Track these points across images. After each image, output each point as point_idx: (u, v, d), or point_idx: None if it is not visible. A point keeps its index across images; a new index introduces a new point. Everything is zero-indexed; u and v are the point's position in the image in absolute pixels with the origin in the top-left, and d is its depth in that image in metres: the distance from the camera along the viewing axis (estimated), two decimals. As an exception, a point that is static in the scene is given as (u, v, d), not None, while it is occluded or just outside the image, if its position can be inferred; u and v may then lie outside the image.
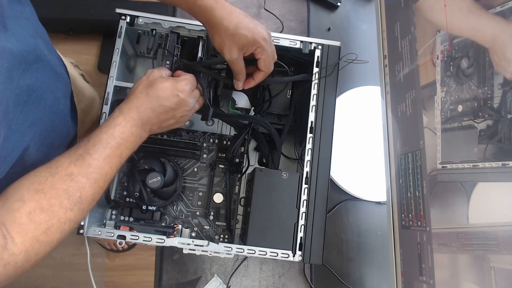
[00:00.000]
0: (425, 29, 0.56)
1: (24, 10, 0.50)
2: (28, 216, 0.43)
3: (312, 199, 0.62)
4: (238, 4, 0.89)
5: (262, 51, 0.59)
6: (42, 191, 0.45)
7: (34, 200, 0.44)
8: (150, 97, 0.56)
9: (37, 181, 0.45)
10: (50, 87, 0.54)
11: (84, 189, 0.48)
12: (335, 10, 0.90)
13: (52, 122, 0.56)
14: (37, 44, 0.51)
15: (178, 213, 0.72)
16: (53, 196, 0.45)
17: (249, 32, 0.57)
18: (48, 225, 0.44)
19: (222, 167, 0.74)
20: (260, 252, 0.59)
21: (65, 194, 0.46)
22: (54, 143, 0.59)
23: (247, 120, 0.70)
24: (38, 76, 0.50)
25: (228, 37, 0.56)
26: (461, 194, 0.46)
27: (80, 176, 0.47)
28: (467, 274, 0.44)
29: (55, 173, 0.47)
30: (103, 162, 0.50)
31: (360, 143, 0.82)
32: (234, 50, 0.58)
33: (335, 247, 0.79)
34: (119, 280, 1.36)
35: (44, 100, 0.53)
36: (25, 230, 0.42)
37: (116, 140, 0.52)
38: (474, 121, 0.45)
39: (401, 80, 0.62)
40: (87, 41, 1.41)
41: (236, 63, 0.59)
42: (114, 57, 0.65)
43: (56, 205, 0.45)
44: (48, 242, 0.44)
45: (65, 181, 0.46)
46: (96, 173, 0.49)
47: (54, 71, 0.55)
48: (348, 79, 0.85)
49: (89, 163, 0.49)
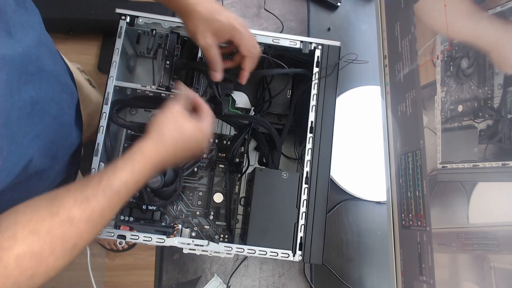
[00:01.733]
0: (425, 29, 0.56)
1: (31, 19, 0.48)
2: (15, 260, 0.40)
3: (312, 199, 0.62)
4: (238, 4, 0.89)
5: (240, 35, 0.58)
6: (37, 233, 0.41)
7: (26, 243, 0.40)
8: (178, 145, 0.53)
9: (35, 219, 0.42)
10: (54, 98, 0.52)
11: (80, 237, 0.44)
12: (335, 10, 0.90)
13: (56, 133, 0.54)
14: (41, 55, 0.49)
15: (178, 213, 0.72)
16: (47, 242, 0.42)
17: (224, 18, 0.56)
18: (33, 272, 0.41)
19: (222, 167, 0.74)
20: (260, 252, 0.59)
21: (60, 241, 0.43)
22: (58, 154, 0.58)
23: (247, 120, 0.70)
24: (42, 88, 0.49)
25: (201, 22, 0.56)
26: (461, 194, 0.46)
27: (81, 222, 0.44)
28: (467, 274, 0.44)
29: (55, 214, 0.43)
30: (109, 209, 0.47)
31: (360, 143, 0.82)
32: (208, 35, 0.56)
33: (335, 247, 0.79)
34: (119, 280, 1.36)
35: (48, 112, 0.51)
36: (8, 274, 0.39)
37: (127, 188, 0.48)
38: (474, 121, 0.45)
39: (401, 80, 0.62)
40: (87, 41, 1.41)
41: (210, 50, 0.58)
42: (114, 57, 0.65)
43: (47, 252, 0.42)
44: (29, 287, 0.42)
45: (63, 226, 0.43)
46: (97, 219, 0.46)
47: (59, 82, 0.54)
48: (348, 79, 0.85)
49: (93, 209, 0.45)
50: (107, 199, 0.46)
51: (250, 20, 0.88)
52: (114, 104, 0.66)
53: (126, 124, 0.69)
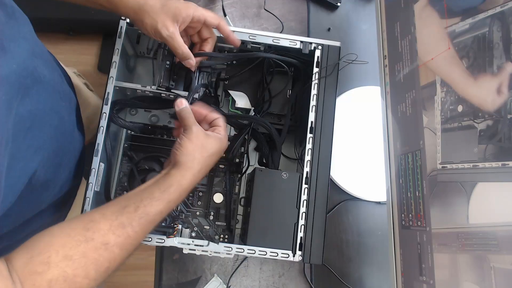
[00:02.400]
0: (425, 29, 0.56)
1: (22, 30, 0.46)
2: (48, 284, 0.40)
3: (312, 199, 0.62)
4: (238, 4, 0.89)
5: (200, 13, 0.58)
6: (71, 258, 0.42)
7: (60, 268, 0.41)
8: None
9: (69, 244, 0.42)
10: (54, 108, 0.52)
11: (114, 260, 0.45)
12: (335, 10, 0.90)
13: (59, 142, 0.54)
14: (36, 66, 0.48)
15: (178, 213, 0.72)
16: (81, 266, 0.42)
17: (177, 2, 0.56)
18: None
19: (222, 167, 0.74)
20: (260, 252, 0.59)
21: (94, 265, 0.43)
22: (62, 162, 0.57)
23: (247, 120, 0.70)
24: (40, 99, 0.48)
25: (158, 13, 0.55)
26: (461, 194, 0.46)
27: (115, 247, 0.45)
28: (467, 274, 0.44)
29: (90, 240, 0.44)
30: (142, 235, 0.48)
31: (360, 143, 0.82)
32: (169, 23, 0.56)
33: (335, 247, 0.79)
34: (119, 280, 1.36)
35: (49, 123, 0.51)
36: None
37: (161, 216, 0.50)
38: (474, 121, 0.45)
39: (401, 80, 0.62)
40: (87, 41, 1.41)
41: (175, 38, 0.57)
42: (114, 57, 0.65)
43: (81, 276, 0.42)
44: None
45: (98, 250, 0.44)
46: (131, 244, 0.47)
47: (57, 91, 0.54)
48: (348, 79, 0.85)
49: (129, 235, 0.46)
50: (142, 226, 0.48)
51: (250, 20, 0.88)
52: (114, 104, 0.66)
53: (126, 124, 0.69)
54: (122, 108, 0.73)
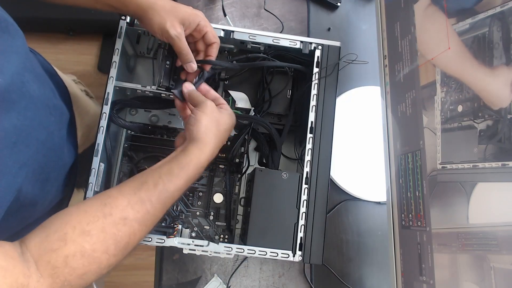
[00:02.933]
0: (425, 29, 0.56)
1: (15, 44, 0.46)
2: (64, 260, 0.39)
3: (312, 199, 0.62)
4: (238, 4, 0.89)
5: (205, 23, 0.59)
6: (89, 233, 0.41)
7: (77, 243, 0.40)
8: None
9: (86, 220, 0.42)
10: (42, 123, 0.51)
11: (134, 235, 0.45)
12: (335, 10, 0.90)
13: (46, 157, 0.53)
14: (26, 81, 0.47)
15: (178, 213, 0.72)
16: (100, 240, 0.41)
17: (186, 8, 0.58)
18: (85, 270, 0.41)
19: (222, 167, 0.74)
20: (260, 252, 0.59)
21: (113, 240, 0.42)
22: (50, 177, 0.57)
23: (247, 120, 0.69)
24: (27, 114, 0.47)
25: (167, 13, 0.56)
26: (461, 194, 0.46)
27: (134, 221, 0.44)
28: (467, 274, 0.44)
29: (109, 215, 0.43)
30: (161, 211, 0.48)
31: (360, 143, 0.82)
32: (176, 24, 0.57)
33: (335, 247, 0.79)
34: (119, 280, 1.36)
35: (36, 138, 0.49)
36: (57, 273, 0.39)
37: (180, 192, 0.50)
38: (474, 121, 0.45)
39: (401, 80, 0.62)
40: (87, 41, 1.41)
41: (181, 39, 0.58)
42: (114, 57, 0.65)
43: (100, 251, 0.41)
44: (81, 285, 0.41)
45: (117, 225, 0.43)
46: (150, 220, 0.47)
47: (47, 106, 0.53)
48: (348, 79, 0.85)
49: (148, 210, 0.46)
50: (161, 202, 0.47)
51: (250, 20, 0.88)
52: (114, 104, 0.66)
53: (126, 124, 0.69)
54: (122, 108, 0.73)
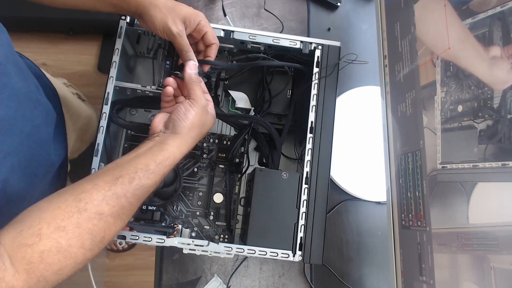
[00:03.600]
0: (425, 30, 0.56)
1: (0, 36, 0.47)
2: (40, 256, 0.39)
3: (312, 199, 0.62)
4: (238, 4, 0.89)
5: (205, 22, 0.60)
6: (65, 229, 0.41)
7: (52, 239, 0.40)
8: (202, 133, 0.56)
9: (61, 215, 0.41)
10: (26, 116, 0.51)
11: (109, 229, 0.44)
12: (335, 10, 0.90)
13: (32, 151, 0.53)
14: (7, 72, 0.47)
15: (178, 213, 0.72)
16: (75, 236, 0.41)
17: (187, 7, 0.58)
18: (61, 266, 0.40)
19: (222, 167, 0.74)
20: (260, 252, 0.59)
21: (89, 235, 0.42)
22: (38, 172, 0.56)
23: (247, 120, 0.70)
24: (10, 105, 0.47)
25: (169, 10, 0.57)
26: (461, 194, 0.46)
27: (109, 217, 0.44)
28: (467, 274, 0.44)
29: (84, 210, 0.42)
30: (136, 205, 0.48)
31: (360, 143, 0.82)
32: (178, 21, 0.57)
33: (335, 247, 0.79)
34: (119, 280, 1.36)
35: (20, 129, 0.50)
36: (32, 269, 0.38)
37: (155, 187, 0.50)
38: (474, 121, 0.45)
39: (401, 80, 0.62)
40: (87, 41, 1.41)
41: (183, 36, 0.58)
42: (114, 57, 0.65)
43: (76, 246, 0.41)
44: (57, 281, 0.41)
45: (92, 220, 0.43)
46: (126, 214, 0.46)
47: (30, 99, 0.53)
48: (348, 79, 0.85)
49: (123, 206, 0.46)
50: (136, 197, 0.47)
51: (250, 20, 0.88)
52: (114, 104, 0.66)
53: (126, 124, 0.69)
54: (122, 108, 0.73)
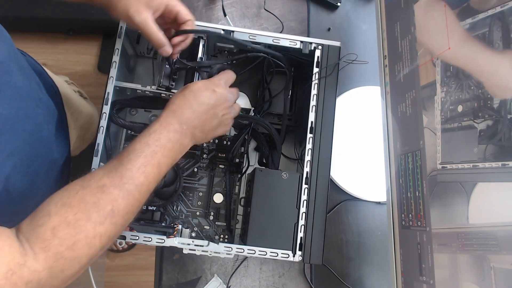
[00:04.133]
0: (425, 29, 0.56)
1: (2, 33, 0.47)
2: (52, 231, 0.40)
3: (312, 199, 0.62)
4: (238, 4, 0.89)
5: (174, 2, 0.56)
6: (70, 204, 0.42)
7: (59, 215, 0.42)
8: (187, 98, 0.53)
9: (67, 195, 0.44)
10: (28, 114, 0.51)
11: (116, 201, 0.45)
12: (335, 10, 0.90)
13: (34, 149, 0.53)
14: (10, 71, 0.48)
15: (178, 213, 0.72)
16: (80, 210, 0.42)
17: None
18: (74, 240, 0.41)
19: (222, 167, 0.74)
20: (260, 252, 0.59)
21: (95, 208, 0.43)
22: (40, 170, 0.56)
23: (247, 120, 0.70)
24: (12, 104, 0.47)
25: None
26: (461, 194, 0.46)
27: (112, 188, 0.45)
28: (467, 274, 0.44)
29: (87, 186, 0.44)
30: (137, 172, 0.47)
31: (360, 143, 0.82)
32: (141, 9, 0.54)
33: (335, 247, 0.79)
34: (119, 280, 1.36)
35: (22, 128, 0.50)
36: (48, 246, 0.40)
37: (150, 149, 0.49)
38: (474, 121, 0.45)
39: (401, 80, 0.62)
40: (87, 41, 1.41)
41: (149, 24, 0.55)
42: (114, 57, 0.65)
43: (83, 219, 0.42)
44: (75, 258, 0.42)
45: (95, 194, 0.44)
46: (129, 183, 0.46)
47: (32, 98, 0.53)
48: (348, 79, 0.85)
49: (122, 174, 0.46)
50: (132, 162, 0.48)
51: (250, 20, 0.88)
52: (114, 104, 0.66)
53: (126, 124, 0.69)
54: (122, 108, 0.73)
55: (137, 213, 0.49)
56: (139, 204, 0.48)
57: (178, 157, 0.53)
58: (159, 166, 0.50)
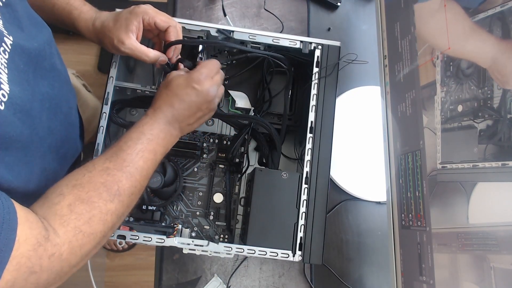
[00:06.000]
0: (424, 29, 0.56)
1: (40, 20, 0.51)
2: (68, 207, 0.43)
3: (312, 199, 0.62)
4: (238, 4, 0.89)
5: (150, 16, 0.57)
6: (81, 185, 0.46)
7: (73, 194, 0.44)
8: (169, 97, 0.56)
9: (75, 178, 0.46)
10: (64, 97, 0.55)
11: (121, 182, 0.48)
12: (335, 10, 0.90)
13: (67, 132, 0.57)
14: (53, 54, 0.51)
15: (178, 213, 0.72)
16: (91, 189, 0.46)
17: (126, 13, 0.57)
18: (89, 215, 0.44)
19: (222, 167, 0.74)
20: (260, 252, 0.59)
21: (103, 187, 0.46)
22: (67, 154, 0.59)
23: (247, 120, 0.69)
24: (55, 85, 0.51)
25: (112, 30, 0.57)
26: (461, 194, 0.46)
27: (115, 170, 0.48)
28: (467, 274, 0.44)
29: (92, 170, 0.48)
30: (136, 156, 0.50)
31: (360, 143, 0.82)
32: (123, 37, 0.56)
33: (335, 247, 0.79)
34: (119, 280, 1.36)
35: (60, 109, 0.53)
36: (66, 221, 0.42)
37: (146, 136, 0.52)
38: (474, 121, 0.45)
39: (401, 80, 0.62)
40: (87, 41, 1.40)
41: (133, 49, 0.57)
42: (114, 57, 0.65)
43: (95, 197, 0.45)
44: (92, 234, 0.44)
45: (101, 175, 0.47)
46: (130, 166, 0.49)
47: (67, 82, 0.56)
48: (348, 79, 0.85)
49: (123, 158, 0.50)
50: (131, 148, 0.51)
51: (250, 20, 0.88)
52: (114, 104, 0.66)
53: (126, 124, 0.69)
54: (122, 108, 0.73)
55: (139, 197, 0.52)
56: (140, 187, 0.51)
57: (169, 146, 0.57)
58: (155, 152, 0.53)
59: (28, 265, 0.38)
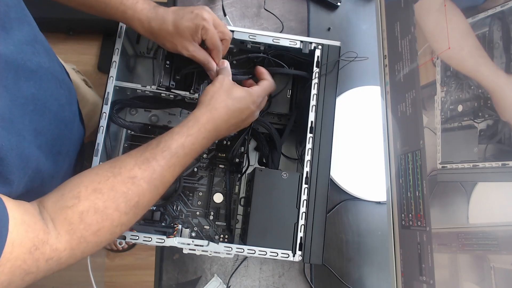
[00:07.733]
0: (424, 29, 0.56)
1: (26, 15, 0.49)
2: (80, 216, 0.42)
3: (312, 199, 0.62)
4: (238, 4, 0.89)
5: (205, 32, 0.58)
6: (101, 191, 0.44)
7: (90, 200, 0.43)
8: (230, 109, 0.56)
9: (97, 179, 0.45)
10: (53, 95, 0.54)
11: (143, 195, 0.46)
12: (335, 10, 0.90)
13: (58, 129, 0.56)
14: (37, 52, 0.49)
15: (178, 213, 0.72)
16: (110, 198, 0.44)
17: (189, 21, 0.57)
18: (99, 227, 0.43)
19: (222, 167, 0.74)
20: (260, 252, 0.59)
21: (123, 198, 0.45)
22: (62, 150, 0.58)
23: (247, 120, 0.69)
24: (42, 85, 0.50)
25: (174, 37, 0.58)
26: (461, 194, 0.46)
27: (142, 181, 0.46)
28: (467, 274, 0.44)
29: (118, 174, 0.45)
30: (168, 170, 0.49)
31: (360, 143, 0.82)
32: (187, 44, 0.58)
33: (335, 247, 0.79)
34: (119, 280, 1.36)
35: (49, 109, 0.52)
36: (73, 229, 0.41)
37: (185, 151, 0.51)
38: (474, 121, 0.45)
39: (401, 80, 0.62)
40: (87, 41, 1.41)
41: (196, 56, 0.59)
42: (114, 57, 0.65)
43: (112, 208, 0.44)
44: (97, 243, 0.43)
45: (126, 184, 0.45)
46: (158, 180, 0.48)
47: (56, 78, 0.55)
48: (348, 79, 0.85)
49: (154, 169, 0.48)
50: (166, 160, 0.49)
51: (250, 20, 0.88)
52: (114, 104, 0.66)
53: (126, 124, 0.69)
54: (122, 108, 0.73)
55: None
56: (158, 199, 0.50)
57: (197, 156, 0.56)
58: (185, 165, 0.53)
59: (24, 267, 0.37)
